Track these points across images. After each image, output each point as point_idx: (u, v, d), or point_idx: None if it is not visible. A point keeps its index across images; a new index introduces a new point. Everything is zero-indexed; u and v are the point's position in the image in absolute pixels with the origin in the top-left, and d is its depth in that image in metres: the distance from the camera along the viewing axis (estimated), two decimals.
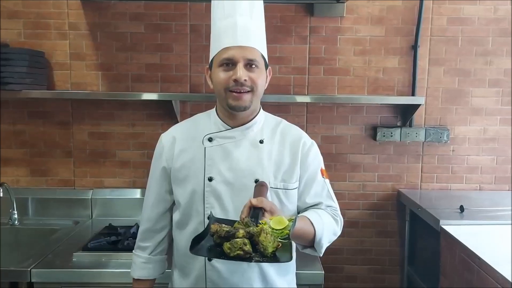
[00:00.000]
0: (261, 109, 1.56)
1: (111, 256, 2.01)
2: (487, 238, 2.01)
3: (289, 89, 2.67)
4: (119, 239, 2.16)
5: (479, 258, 1.80)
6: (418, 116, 2.69)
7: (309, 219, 1.40)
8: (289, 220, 1.23)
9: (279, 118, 1.61)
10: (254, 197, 1.32)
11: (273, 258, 1.16)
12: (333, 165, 2.71)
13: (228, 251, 1.14)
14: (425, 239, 2.60)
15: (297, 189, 1.51)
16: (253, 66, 1.39)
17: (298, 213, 1.57)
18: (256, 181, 1.42)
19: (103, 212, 2.64)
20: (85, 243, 2.10)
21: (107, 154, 2.69)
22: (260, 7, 1.50)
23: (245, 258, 1.14)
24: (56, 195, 2.66)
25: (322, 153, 1.44)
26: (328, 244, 1.47)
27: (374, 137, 2.70)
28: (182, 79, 2.64)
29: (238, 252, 1.13)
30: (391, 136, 2.68)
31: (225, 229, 1.17)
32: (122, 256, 2.00)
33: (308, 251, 1.47)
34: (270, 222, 1.21)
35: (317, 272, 1.91)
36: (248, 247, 1.13)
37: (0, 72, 2.32)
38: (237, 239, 1.14)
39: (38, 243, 2.26)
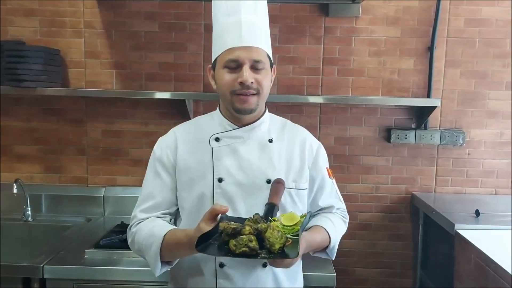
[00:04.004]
0: (267, 109, 1.52)
1: (122, 254, 2.01)
2: (503, 243, 1.97)
3: (302, 89, 2.65)
4: None
5: (495, 263, 1.77)
6: (433, 119, 2.66)
7: (325, 230, 1.42)
8: (301, 216, 1.22)
9: (283, 119, 1.59)
10: (270, 195, 1.30)
11: (280, 254, 1.13)
12: (346, 166, 2.69)
13: (234, 248, 1.12)
14: (438, 243, 2.56)
15: (307, 189, 1.49)
16: (259, 67, 1.35)
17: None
18: (268, 181, 1.38)
19: (115, 210, 2.65)
20: (97, 241, 2.10)
21: (120, 152, 2.70)
22: (264, 4, 1.44)
23: (251, 255, 1.12)
24: (69, 192, 2.67)
25: (335, 155, 1.43)
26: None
27: (388, 139, 2.67)
28: (196, 78, 2.64)
29: (244, 249, 1.11)
30: (405, 138, 2.65)
31: (232, 226, 1.15)
32: (133, 254, 1.98)
33: (318, 254, 1.48)
34: (281, 219, 1.20)
35: (329, 275, 1.89)
36: (253, 244, 1.12)
37: (16, 69, 2.34)
38: (243, 236, 1.12)
39: (50, 240, 2.28)
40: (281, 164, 1.43)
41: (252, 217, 1.20)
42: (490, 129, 2.67)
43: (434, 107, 2.52)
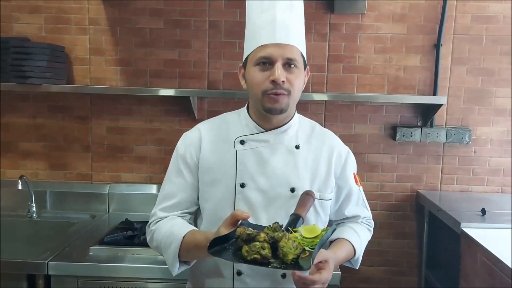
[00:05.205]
0: (296, 111, 1.45)
1: (127, 251, 2.01)
2: (510, 242, 1.96)
3: (307, 86, 2.61)
4: (135, 234, 2.17)
5: (501, 262, 1.76)
6: (439, 116, 2.64)
7: (350, 243, 1.41)
8: (323, 230, 1.18)
9: (312, 121, 1.51)
10: (297, 206, 1.26)
11: (293, 265, 1.09)
12: None
13: (246, 254, 1.09)
14: (444, 242, 2.55)
15: (331, 200, 1.44)
16: (292, 66, 1.28)
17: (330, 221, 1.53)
18: (292, 189, 1.34)
19: (120, 207, 2.65)
20: (102, 237, 2.11)
21: (124, 149, 2.70)
22: (300, 3, 1.39)
23: (262, 263, 1.08)
24: (74, 189, 2.68)
25: None
26: None
27: (393, 136, 2.66)
28: (200, 76, 2.64)
29: (255, 256, 1.07)
30: (411, 136, 2.63)
31: (247, 232, 1.12)
32: (137, 251, 2.00)
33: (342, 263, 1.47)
34: (302, 230, 1.16)
35: (334, 273, 1.86)
36: (266, 252, 1.08)
37: (21, 66, 2.34)
38: (256, 243, 1.09)
39: (55, 236, 2.28)
40: (306, 172, 1.38)
41: (271, 226, 1.17)
42: (496, 127, 2.65)
43: (440, 105, 2.50)
